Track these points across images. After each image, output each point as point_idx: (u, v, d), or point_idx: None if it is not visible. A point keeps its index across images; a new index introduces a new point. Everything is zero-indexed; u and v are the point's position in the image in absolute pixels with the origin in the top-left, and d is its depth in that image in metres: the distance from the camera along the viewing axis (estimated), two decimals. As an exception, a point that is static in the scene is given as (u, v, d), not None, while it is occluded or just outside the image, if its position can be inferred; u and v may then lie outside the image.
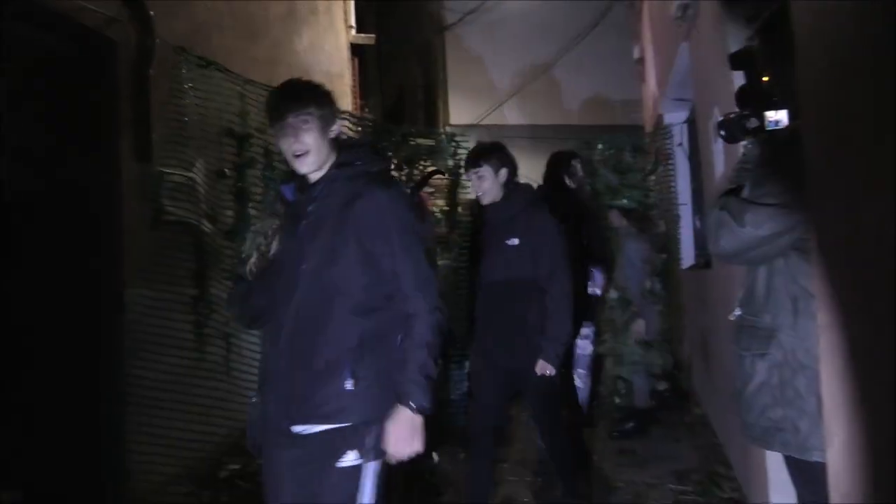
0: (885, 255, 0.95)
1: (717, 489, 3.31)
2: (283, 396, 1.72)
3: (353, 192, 1.74)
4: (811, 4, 1.23)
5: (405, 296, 1.71)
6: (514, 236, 2.82)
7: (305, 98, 1.80)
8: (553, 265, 2.82)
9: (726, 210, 1.63)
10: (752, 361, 1.67)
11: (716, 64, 3.07)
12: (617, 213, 4.47)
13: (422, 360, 1.68)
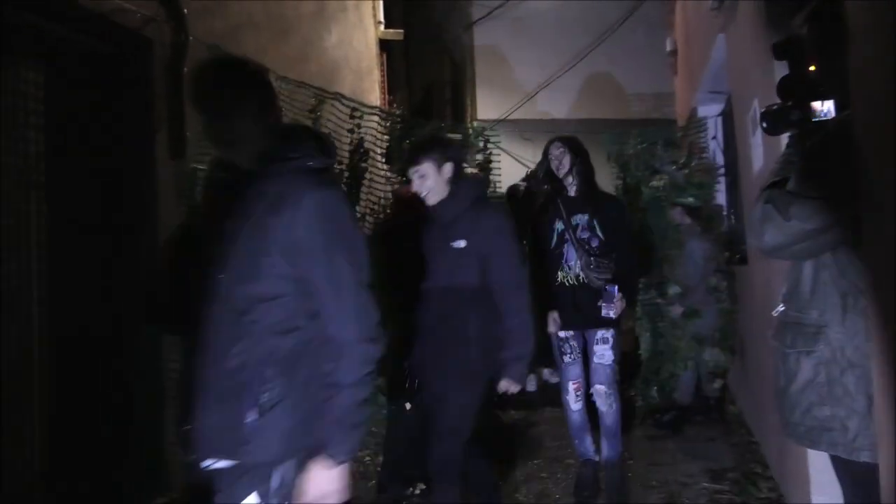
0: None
1: (753, 489, 3.24)
2: (195, 423, 1.49)
3: (280, 193, 1.46)
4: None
5: (330, 320, 1.46)
6: (460, 238, 2.48)
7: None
8: (510, 273, 2.49)
9: (771, 203, 1.58)
10: (798, 359, 1.62)
11: (755, 55, 3.00)
12: (680, 211, 4.43)
13: (344, 403, 1.42)
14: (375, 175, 4.51)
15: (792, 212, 1.53)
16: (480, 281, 2.48)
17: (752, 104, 3.20)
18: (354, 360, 1.43)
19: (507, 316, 2.47)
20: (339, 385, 1.42)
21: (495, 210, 2.71)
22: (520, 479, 3.57)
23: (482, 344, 2.46)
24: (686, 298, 4.35)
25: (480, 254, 2.47)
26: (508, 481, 3.50)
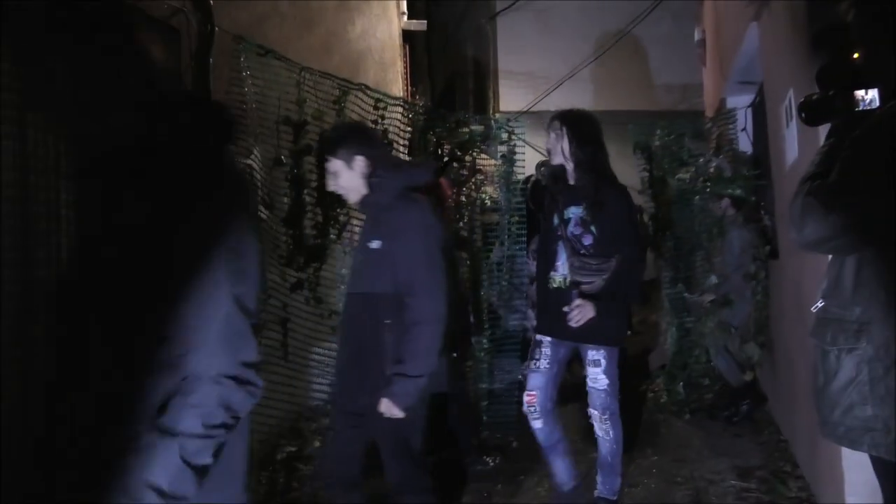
0: None
1: (783, 487, 3.18)
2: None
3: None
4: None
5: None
6: (376, 237, 2.24)
7: None
8: (411, 276, 2.16)
9: (813, 195, 1.52)
10: (839, 356, 1.57)
11: (791, 44, 2.91)
12: (728, 202, 4.41)
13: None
14: (399, 166, 4.49)
15: (835, 205, 1.48)
16: (394, 286, 2.19)
17: (786, 94, 3.12)
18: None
19: (406, 326, 2.15)
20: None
21: (415, 204, 2.29)
22: (542, 474, 3.54)
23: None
24: (721, 287, 4.32)
25: (393, 255, 2.20)
26: (530, 475, 3.48)
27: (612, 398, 2.80)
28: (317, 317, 3.93)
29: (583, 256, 2.77)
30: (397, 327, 2.16)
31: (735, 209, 4.36)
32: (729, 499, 3.16)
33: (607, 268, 2.73)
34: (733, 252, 4.24)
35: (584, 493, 2.98)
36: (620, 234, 2.75)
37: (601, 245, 2.75)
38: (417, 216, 2.27)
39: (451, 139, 4.56)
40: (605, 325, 2.71)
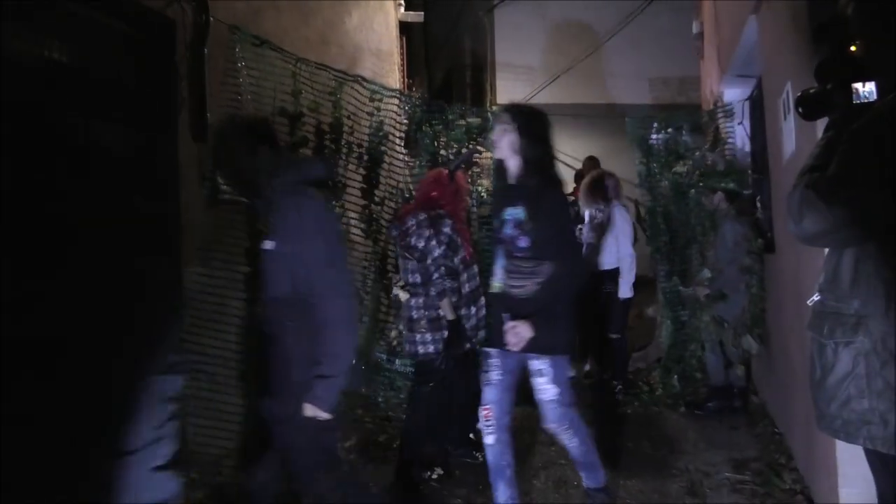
0: None
1: (777, 480, 3.19)
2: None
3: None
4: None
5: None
6: (270, 237, 2.11)
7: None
8: (311, 276, 2.05)
9: (812, 188, 1.52)
10: (836, 349, 1.57)
11: (790, 37, 2.90)
12: (721, 196, 4.43)
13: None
14: (394, 159, 4.48)
15: (834, 198, 1.47)
16: (294, 288, 2.08)
17: (784, 88, 3.11)
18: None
19: (317, 328, 2.05)
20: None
21: (310, 204, 2.13)
22: (538, 466, 3.55)
23: (305, 362, 2.07)
24: (715, 281, 4.33)
25: (287, 257, 2.08)
26: (526, 467, 3.49)
27: (565, 406, 2.66)
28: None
29: (516, 259, 2.64)
30: (304, 330, 2.06)
31: (728, 203, 4.35)
32: (724, 491, 3.17)
33: (540, 272, 2.57)
34: (726, 246, 4.25)
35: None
36: (556, 238, 2.59)
37: (536, 248, 2.59)
38: (313, 214, 2.11)
39: (448, 132, 4.54)
40: (542, 335, 2.53)
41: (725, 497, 3.09)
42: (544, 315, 2.53)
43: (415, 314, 3.28)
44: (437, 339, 3.24)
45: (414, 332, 3.29)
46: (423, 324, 3.25)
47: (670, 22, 8.69)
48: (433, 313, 3.25)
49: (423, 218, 3.25)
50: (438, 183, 3.40)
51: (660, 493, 3.17)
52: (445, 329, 3.25)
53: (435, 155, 4.47)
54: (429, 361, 3.27)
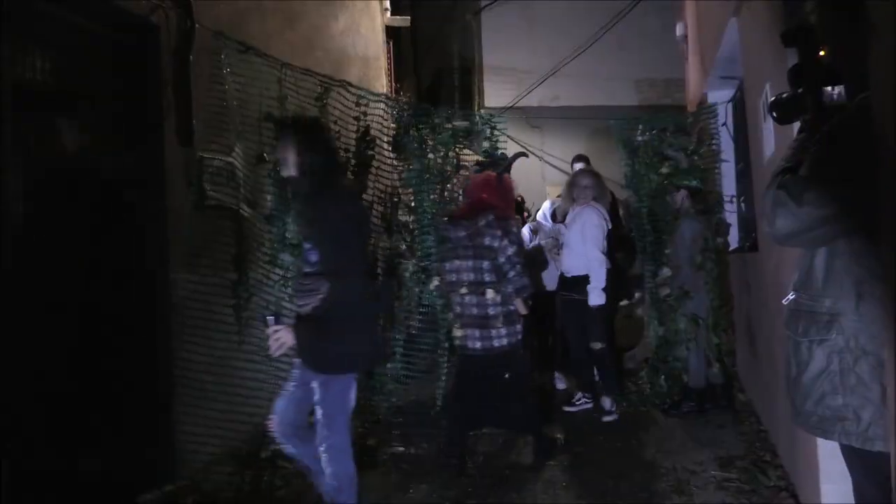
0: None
1: (763, 477, 3.23)
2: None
3: None
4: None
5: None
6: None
7: None
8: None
9: (784, 189, 1.55)
10: (810, 347, 1.60)
11: (769, 40, 2.94)
12: (684, 194, 4.44)
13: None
14: (382, 163, 4.50)
15: (806, 198, 1.50)
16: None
17: (763, 89, 3.15)
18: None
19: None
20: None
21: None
22: (528, 466, 3.57)
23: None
24: (676, 279, 4.38)
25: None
26: (519, 469, 3.51)
27: (329, 430, 2.51)
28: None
29: (306, 276, 2.58)
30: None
31: (691, 200, 4.38)
32: (710, 488, 3.20)
33: (319, 289, 2.47)
34: (685, 244, 4.27)
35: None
36: (337, 253, 2.49)
37: (322, 264, 2.51)
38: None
39: (435, 135, 4.56)
40: (316, 350, 2.48)
41: (712, 495, 3.12)
42: (319, 330, 2.45)
43: (491, 311, 3.43)
44: (512, 332, 3.46)
45: (489, 327, 3.43)
46: (500, 319, 3.42)
47: (656, 24, 8.77)
48: (508, 309, 3.45)
49: (492, 218, 3.44)
50: (488, 185, 3.57)
51: (647, 493, 3.20)
52: (518, 323, 3.49)
53: (422, 159, 4.49)
54: (503, 355, 3.45)
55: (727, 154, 5.15)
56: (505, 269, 3.42)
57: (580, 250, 4.30)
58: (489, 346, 3.44)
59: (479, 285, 3.44)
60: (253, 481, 3.41)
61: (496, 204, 3.49)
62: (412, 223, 4.58)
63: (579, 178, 4.52)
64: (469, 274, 3.47)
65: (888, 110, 1.23)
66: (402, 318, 4.42)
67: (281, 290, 3.86)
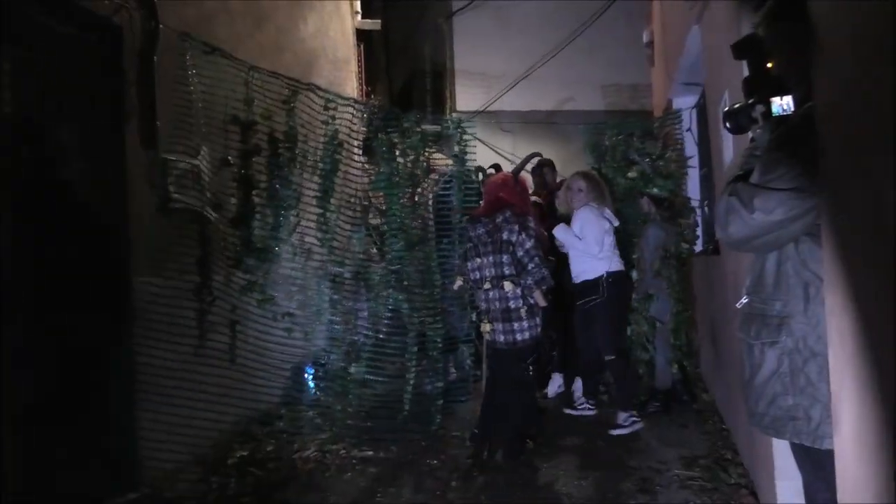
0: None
1: (724, 475, 3.30)
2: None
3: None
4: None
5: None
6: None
7: None
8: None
9: (735, 196, 1.60)
10: (762, 350, 1.65)
11: (728, 47, 3.02)
12: (647, 200, 4.53)
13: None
14: (350, 167, 4.49)
15: (756, 204, 1.55)
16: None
17: (724, 97, 3.23)
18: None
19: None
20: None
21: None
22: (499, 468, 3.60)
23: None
24: (642, 283, 4.47)
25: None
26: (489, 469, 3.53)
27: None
28: (266, 319, 3.90)
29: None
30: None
31: (655, 207, 4.47)
32: (674, 487, 3.26)
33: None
34: (650, 249, 4.37)
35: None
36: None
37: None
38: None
39: (404, 139, 4.57)
40: None
41: (675, 493, 3.18)
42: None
43: (512, 304, 3.58)
44: (534, 325, 3.61)
45: (512, 321, 3.58)
46: (522, 312, 3.57)
47: (625, 30, 8.91)
48: (529, 302, 3.59)
49: (510, 214, 3.62)
50: (505, 185, 3.76)
51: (613, 492, 3.24)
52: (539, 316, 3.63)
53: (391, 162, 4.49)
54: (526, 348, 3.61)
55: (692, 160, 5.27)
56: (524, 262, 3.58)
57: (582, 254, 4.18)
58: (512, 339, 3.61)
59: (500, 279, 3.61)
60: (219, 488, 3.37)
61: (513, 201, 3.70)
62: (382, 226, 4.57)
63: (572, 181, 4.42)
64: (490, 269, 3.66)
65: (827, 118, 1.28)
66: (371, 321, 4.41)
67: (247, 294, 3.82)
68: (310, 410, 4.36)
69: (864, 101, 1.09)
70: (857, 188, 1.15)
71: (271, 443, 3.96)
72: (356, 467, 3.68)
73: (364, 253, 4.47)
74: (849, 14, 1.14)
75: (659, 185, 4.51)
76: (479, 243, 3.69)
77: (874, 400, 1.10)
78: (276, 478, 3.51)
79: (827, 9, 1.27)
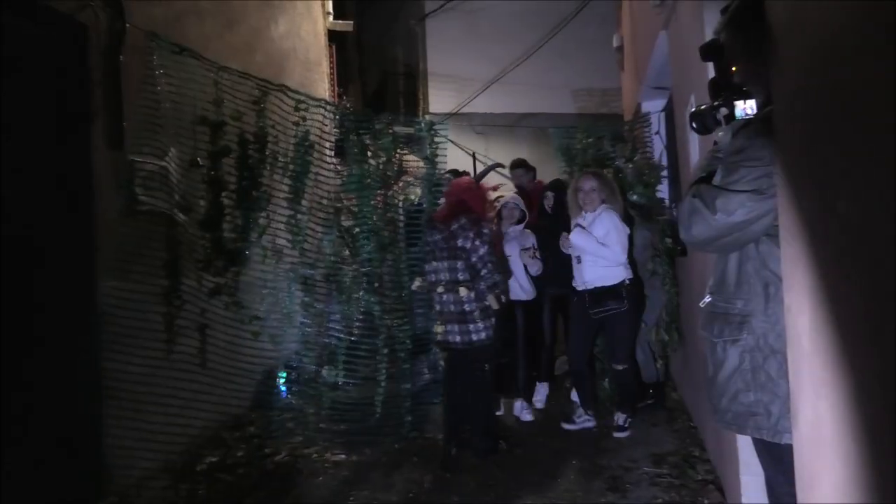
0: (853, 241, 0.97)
1: (692, 471, 3.36)
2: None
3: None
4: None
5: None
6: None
7: None
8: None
9: (698, 197, 1.63)
10: (725, 347, 1.69)
11: (693, 53, 3.08)
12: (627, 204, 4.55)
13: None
14: (322, 169, 4.46)
15: (718, 205, 1.59)
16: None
17: (690, 100, 3.30)
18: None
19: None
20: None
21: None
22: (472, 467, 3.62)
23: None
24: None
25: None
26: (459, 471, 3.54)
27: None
28: (237, 322, 3.85)
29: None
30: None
31: (633, 211, 4.53)
32: (643, 484, 3.31)
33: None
34: (639, 251, 4.44)
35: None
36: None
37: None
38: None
39: (376, 141, 4.55)
40: None
41: (644, 490, 3.23)
42: None
43: (467, 307, 3.69)
44: (489, 326, 3.72)
45: (467, 322, 3.69)
46: (476, 314, 3.68)
47: (597, 34, 9.03)
48: (483, 304, 3.69)
49: (465, 221, 3.70)
50: (463, 191, 3.84)
51: (584, 491, 3.28)
52: (493, 317, 3.73)
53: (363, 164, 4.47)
54: (483, 348, 3.72)
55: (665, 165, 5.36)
56: (478, 268, 3.68)
57: (600, 259, 3.95)
58: (468, 339, 3.71)
59: (454, 283, 3.72)
60: (188, 495, 3.32)
61: (470, 208, 3.76)
62: (354, 228, 4.55)
63: (582, 182, 4.07)
64: (445, 273, 3.75)
65: (786, 121, 1.32)
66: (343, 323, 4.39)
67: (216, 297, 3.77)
68: (282, 414, 4.32)
69: (815, 106, 1.13)
70: (812, 190, 1.19)
71: (242, 448, 3.92)
72: (329, 471, 3.66)
73: (336, 255, 4.44)
74: (802, 21, 1.18)
75: (639, 192, 4.57)
76: (436, 248, 3.80)
77: (830, 396, 1.14)
78: (246, 483, 3.47)
79: (782, 16, 1.31)
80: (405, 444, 4.01)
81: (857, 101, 0.92)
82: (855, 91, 0.93)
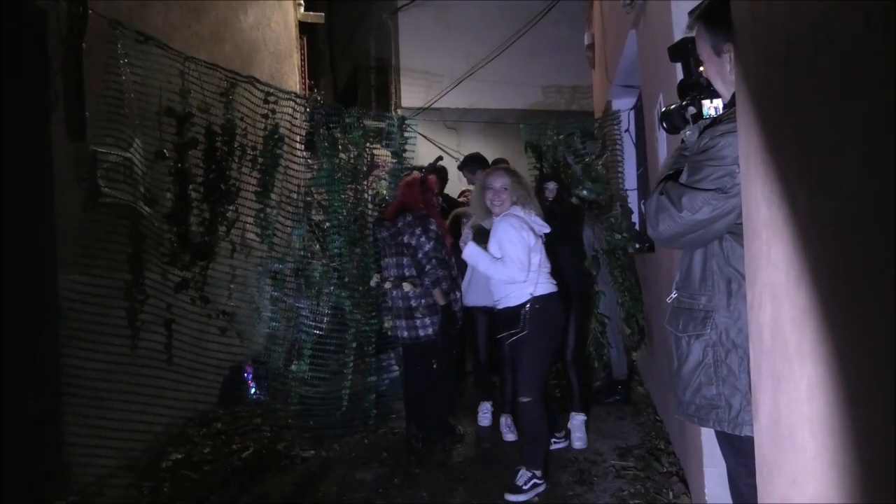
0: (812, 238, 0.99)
1: (657, 464, 3.43)
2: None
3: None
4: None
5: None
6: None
7: None
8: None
9: (665, 195, 1.66)
10: (689, 342, 1.72)
11: (662, 52, 3.13)
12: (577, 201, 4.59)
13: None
14: (292, 162, 4.41)
15: (683, 203, 1.62)
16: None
17: (659, 99, 3.35)
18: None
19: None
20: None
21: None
22: (438, 463, 3.62)
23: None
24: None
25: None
26: (425, 466, 3.54)
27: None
28: (204, 317, 3.79)
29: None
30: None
31: (587, 208, 4.59)
32: (609, 477, 3.36)
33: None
34: (587, 251, 4.50)
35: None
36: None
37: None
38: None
39: (347, 135, 4.52)
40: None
41: (610, 483, 3.28)
42: None
43: (413, 302, 3.73)
44: (435, 321, 3.75)
45: (413, 318, 3.73)
46: (421, 310, 3.73)
47: (567, 31, 9.10)
48: (429, 300, 3.74)
49: (411, 218, 3.71)
50: (409, 186, 3.87)
51: (552, 483, 3.32)
52: (439, 313, 3.76)
53: (333, 158, 4.44)
54: (430, 343, 3.76)
55: (630, 159, 5.43)
56: (423, 264, 3.72)
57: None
58: (415, 335, 3.76)
59: (401, 279, 3.77)
60: (152, 493, 3.26)
61: (416, 204, 3.80)
62: (324, 223, 4.52)
63: (493, 178, 3.32)
64: (393, 269, 3.82)
65: (747, 120, 1.35)
66: (312, 318, 4.35)
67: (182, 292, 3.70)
68: (250, 410, 4.27)
69: (776, 104, 1.16)
70: (773, 188, 1.21)
71: (209, 445, 3.86)
72: (297, 467, 3.63)
73: (305, 249, 4.40)
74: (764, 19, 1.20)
75: (588, 187, 4.62)
76: (385, 245, 3.88)
77: (789, 390, 1.17)
78: (212, 481, 3.42)
79: (746, 14, 1.34)
80: (374, 439, 4.00)
81: (817, 99, 0.94)
82: (816, 89, 0.95)
